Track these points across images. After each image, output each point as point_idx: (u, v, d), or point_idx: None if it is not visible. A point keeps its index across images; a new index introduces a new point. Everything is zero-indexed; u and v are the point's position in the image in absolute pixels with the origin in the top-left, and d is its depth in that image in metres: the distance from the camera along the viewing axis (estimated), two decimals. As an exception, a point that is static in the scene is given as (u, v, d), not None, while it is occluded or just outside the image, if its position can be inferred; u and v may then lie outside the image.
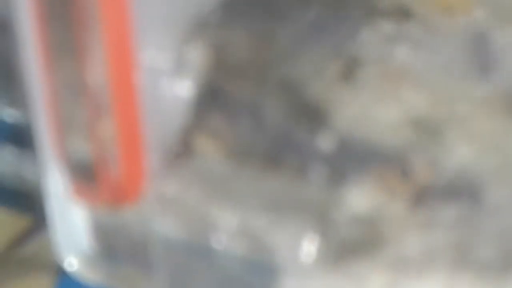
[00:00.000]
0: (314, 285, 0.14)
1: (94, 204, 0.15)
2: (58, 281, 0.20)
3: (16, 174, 0.21)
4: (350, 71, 0.15)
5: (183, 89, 0.15)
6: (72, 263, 0.16)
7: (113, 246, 0.16)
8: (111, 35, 0.12)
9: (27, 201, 0.20)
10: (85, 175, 0.13)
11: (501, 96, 0.15)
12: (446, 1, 0.17)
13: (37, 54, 0.13)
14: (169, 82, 0.14)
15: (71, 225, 0.16)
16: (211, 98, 0.15)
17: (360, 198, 0.14)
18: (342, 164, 0.15)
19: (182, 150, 0.15)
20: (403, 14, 0.16)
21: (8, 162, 0.21)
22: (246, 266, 0.14)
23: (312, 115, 0.15)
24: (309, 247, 0.14)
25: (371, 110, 0.15)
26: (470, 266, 0.14)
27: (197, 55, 0.15)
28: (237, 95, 0.15)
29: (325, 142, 0.15)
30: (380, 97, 0.15)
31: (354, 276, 0.14)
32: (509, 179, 0.14)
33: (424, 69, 0.16)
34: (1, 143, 0.21)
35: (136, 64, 0.13)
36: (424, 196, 0.14)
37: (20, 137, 0.20)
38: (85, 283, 0.16)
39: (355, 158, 0.15)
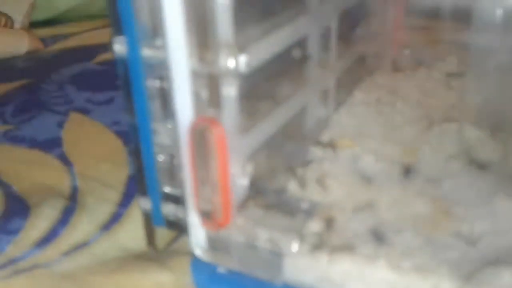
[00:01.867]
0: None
1: (210, 228, 0.26)
2: (193, 261, 0.27)
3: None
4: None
5: (245, 181, 0.28)
6: (198, 252, 0.27)
7: (217, 246, 0.27)
8: (220, 164, 0.25)
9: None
10: (207, 215, 0.26)
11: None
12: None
13: (189, 168, 0.26)
14: (241, 177, 0.27)
15: (200, 236, 0.27)
16: (255, 186, 0.28)
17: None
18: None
19: (245, 203, 0.27)
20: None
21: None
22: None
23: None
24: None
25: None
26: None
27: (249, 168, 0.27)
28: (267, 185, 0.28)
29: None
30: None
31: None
32: None
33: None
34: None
35: (228, 174, 0.26)
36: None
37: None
38: (209, 262, 0.26)
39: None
